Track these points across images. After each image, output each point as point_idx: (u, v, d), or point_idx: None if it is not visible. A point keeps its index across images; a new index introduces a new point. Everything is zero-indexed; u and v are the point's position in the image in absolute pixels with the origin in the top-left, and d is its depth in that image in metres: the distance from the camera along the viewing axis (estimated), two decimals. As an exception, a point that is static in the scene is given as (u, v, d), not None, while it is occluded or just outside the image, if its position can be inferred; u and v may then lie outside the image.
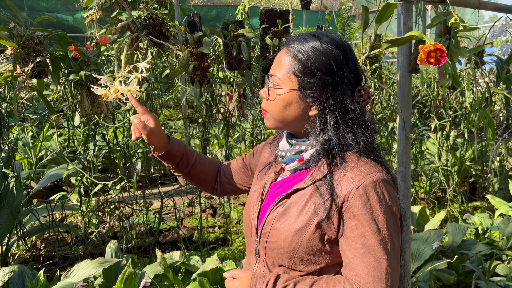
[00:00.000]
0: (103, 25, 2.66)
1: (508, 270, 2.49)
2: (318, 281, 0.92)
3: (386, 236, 0.90)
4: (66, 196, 3.00)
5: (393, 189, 0.95)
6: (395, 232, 0.92)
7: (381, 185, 0.91)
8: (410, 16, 1.78)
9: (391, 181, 0.95)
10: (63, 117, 2.80)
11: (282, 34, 1.69)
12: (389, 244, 0.90)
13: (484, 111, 1.84)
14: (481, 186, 4.19)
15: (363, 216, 0.90)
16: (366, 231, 0.90)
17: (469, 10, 9.09)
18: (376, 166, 0.95)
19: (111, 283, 2.33)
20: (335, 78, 0.94)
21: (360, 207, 0.90)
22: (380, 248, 0.89)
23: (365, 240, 0.90)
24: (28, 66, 1.39)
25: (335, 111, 0.94)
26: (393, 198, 0.93)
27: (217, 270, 2.38)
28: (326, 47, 0.94)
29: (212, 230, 3.58)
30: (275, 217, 0.99)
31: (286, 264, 0.97)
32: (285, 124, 1.00)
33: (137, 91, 1.31)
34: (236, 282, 0.99)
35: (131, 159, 2.97)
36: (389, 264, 0.90)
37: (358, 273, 0.90)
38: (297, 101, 0.96)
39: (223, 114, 3.05)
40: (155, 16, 1.47)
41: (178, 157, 1.23)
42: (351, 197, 0.91)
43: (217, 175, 1.31)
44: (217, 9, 10.00)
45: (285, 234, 0.96)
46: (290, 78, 0.96)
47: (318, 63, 0.93)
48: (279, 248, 0.97)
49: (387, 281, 0.89)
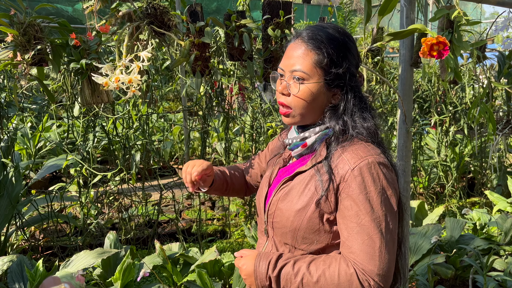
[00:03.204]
0: (103, 16, 2.64)
1: (505, 265, 2.50)
2: (317, 259, 0.97)
3: (380, 216, 0.93)
4: (65, 187, 2.99)
5: (390, 172, 0.98)
6: (391, 214, 0.95)
7: (376, 167, 0.95)
8: (413, 9, 1.77)
9: (389, 164, 0.98)
10: (63, 108, 2.79)
11: (284, 26, 1.68)
12: (383, 224, 0.93)
13: (485, 105, 1.84)
14: (479, 182, 4.20)
15: (358, 196, 0.93)
16: (360, 210, 0.93)
17: (470, 6, 9.06)
18: (374, 149, 0.98)
19: (110, 273, 2.34)
20: (353, 66, 1.01)
21: (355, 187, 0.93)
22: (373, 227, 0.92)
23: (359, 219, 0.93)
24: (29, 53, 1.38)
25: (354, 98, 1.01)
26: (390, 181, 0.96)
27: (216, 262, 2.39)
28: (343, 38, 1.01)
29: (211, 223, 3.58)
30: (279, 198, 1.05)
31: (290, 243, 1.03)
32: (308, 116, 1.04)
33: (137, 80, 1.30)
34: (242, 260, 1.04)
35: (130, 151, 2.97)
36: (382, 242, 0.92)
37: (353, 250, 0.94)
38: (324, 92, 1.01)
39: (223, 106, 3.04)
40: (157, 6, 1.46)
41: (222, 186, 1.29)
42: (346, 178, 0.94)
43: (245, 180, 1.37)
44: (218, 2, 9.95)
45: (287, 214, 1.02)
46: (316, 72, 0.99)
47: (342, 55, 0.99)
48: (283, 227, 1.03)
49: (381, 259, 0.92)
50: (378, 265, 0.91)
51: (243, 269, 1.02)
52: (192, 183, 1.17)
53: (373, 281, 0.91)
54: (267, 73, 1.68)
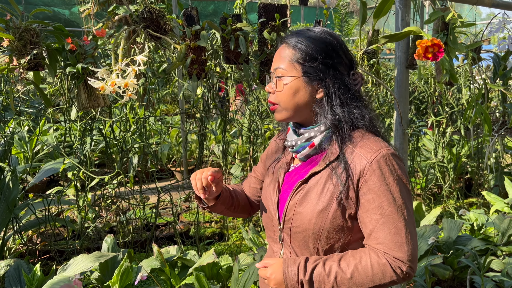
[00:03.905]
0: (100, 19, 2.64)
1: (502, 266, 2.50)
2: (345, 256, 0.99)
3: (401, 204, 0.97)
4: (62, 191, 2.99)
5: (401, 161, 1.02)
6: (408, 200, 1.00)
7: (390, 158, 0.99)
8: (408, 11, 1.78)
9: (398, 154, 1.03)
10: (60, 112, 2.79)
11: (280, 29, 1.68)
12: (405, 211, 0.97)
13: (480, 107, 1.85)
14: (476, 183, 4.21)
15: (379, 188, 0.97)
16: (383, 201, 0.96)
17: (466, 7, 9.08)
18: (383, 142, 1.03)
19: (107, 277, 2.33)
20: (334, 60, 1.03)
21: (375, 180, 0.97)
22: (397, 216, 0.96)
23: (383, 210, 0.97)
24: (25, 58, 1.38)
25: (338, 90, 1.02)
26: (402, 169, 1.01)
27: (214, 264, 2.39)
28: (321, 35, 1.04)
29: (209, 225, 3.58)
30: (296, 202, 1.05)
31: (312, 246, 1.03)
32: (296, 112, 1.06)
33: (134, 84, 1.30)
34: (269, 269, 1.03)
35: (128, 154, 2.97)
36: (407, 229, 0.97)
37: (381, 241, 0.97)
38: (304, 86, 1.03)
39: (220, 109, 3.04)
40: (153, 10, 1.47)
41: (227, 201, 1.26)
42: (365, 172, 0.98)
43: (247, 198, 1.35)
44: (215, 4, 9.96)
45: (309, 216, 1.02)
46: (294, 67, 1.04)
47: (318, 49, 1.02)
48: (305, 230, 1.03)
49: (408, 245, 0.96)
50: (407, 251, 0.96)
51: (272, 278, 1.01)
52: (203, 189, 1.13)
53: (405, 267, 0.95)
54: (263, 76, 1.69)
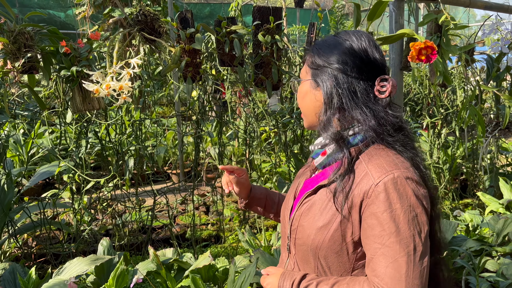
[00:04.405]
0: (95, 22, 2.64)
1: (497, 266, 2.52)
2: (340, 282, 0.91)
3: (407, 237, 0.84)
4: (58, 194, 2.98)
5: (419, 187, 0.88)
6: (420, 234, 0.85)
7: (403, 182, 0.85)
8: (402, 14, 1.80)
9: (418, 178, 0.89)
10: (55, 114, 2.78)
11: (275, 31, 1.69)
12: (411, 245, 0.84)
13: (474, 108, 1.86)
14: (472, 184, 4.23)
15: (382, 214, 0.85)
16: (384, 230, 0.85)
17: (461, 9, 9.15)
18: (403, 162, 0.89)
19: (103, 280, 2.32)
20: (345, 64, 0.93)
21: (379, 204, 0.85)
22: (399, 249, 0.84)
23: (383, 240, 0.85)
24: (19, 61, 1.38)
25: (344, 97, 0.93)
26: (420, 198, 0.86)
27: (210, 267, 2.38)
28: (338, 38, 0.97)
29: (205, 228, 3.58)
30: (301, 213, 0.99)
31: (312, 262, 0.97)
32: (308, 117, 1.02)
33: (128, 87, 1.31)
34: (268, 278, 1.02)
35: (123, 157, 2.96)
36: (410, 266, 0.84)
37: (377, 273, 0.86)
38: (310, 90, 0.99)
39: (216, 111, 3.05)
40: (147, 12, 1.47)
41: (263, 200, 1.28)
42: (370, 194, 0.86)
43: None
44: (211, 7, 9.98)
45: (308, 232, 0.95)
46: (306, 71, 1.01)
47: (327, 52, 0.96)
48: (304, 245, 0.97)
49: (408, 284, 0.83)
50: None
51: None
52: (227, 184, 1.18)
53: None
54: (258, 78, 1.69)
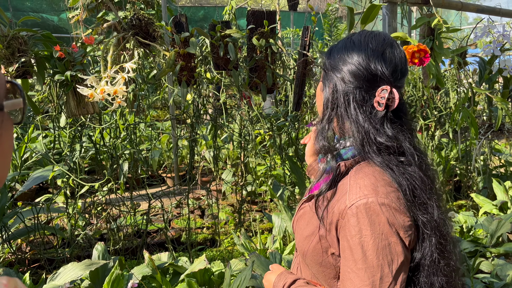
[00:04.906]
0: (89, 25, 2.63)
1: (492, 267, 2.53)
2: None
3: (374, 266, 0.79)
4: (51, 198, 2.96)
5: (398, 215, 0.81)
6: (390, 264, 0.79)
7: (376, 209, 0.80)
8: (395, 17, 1.81)
9: (399, 206, 0.82)
10: (49, 118, 2.77)
11: (269, 35, 1.70)
12: (378, 275, 0.79)
13: (467, 110, 1.87)
14: (465, 185, 4.26)
15: (352, 238, 0.81)
16: (352, 255, 0.82)
17: (453, 12, 9.22)
18: (387, 186, 0.83)
19: (98, 285, 2.31)
20: (340, 72, 0.89)
21: (350, 228, 0.82)
22: (364, 277, 0.80)
23: (351, 264, 0.82)
24: (13, 66, 1.37)
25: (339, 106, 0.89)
26: (394, 225, 0.80)
27: (205, 270, 2.38)
28: (346, 41, 0.92)
29: (201, 231, 3.57)
30: (297, 218, 1.00)
31: (309, 267, 0.98)
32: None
33: (123, 91, 1.31)
34: (268, 275, 1.05)
35: (118, 161, 2.95)
36: None
37: None
38: (319, 92, 0.97)
39: (211, 114, 3.05)
40: (142, 17, 1.47)
41: None
42: (344, 215, 0.83)
43: None
44: (205, 10, 9.99)
45: (299, 237, 0.97)
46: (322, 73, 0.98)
47: (334, 57, 0.92)
48: (298, 248, 1.00)
49: None
50: None
51: (266, 285, 1.05)
52: None
53: None
54: (252, 82, 1.70)
